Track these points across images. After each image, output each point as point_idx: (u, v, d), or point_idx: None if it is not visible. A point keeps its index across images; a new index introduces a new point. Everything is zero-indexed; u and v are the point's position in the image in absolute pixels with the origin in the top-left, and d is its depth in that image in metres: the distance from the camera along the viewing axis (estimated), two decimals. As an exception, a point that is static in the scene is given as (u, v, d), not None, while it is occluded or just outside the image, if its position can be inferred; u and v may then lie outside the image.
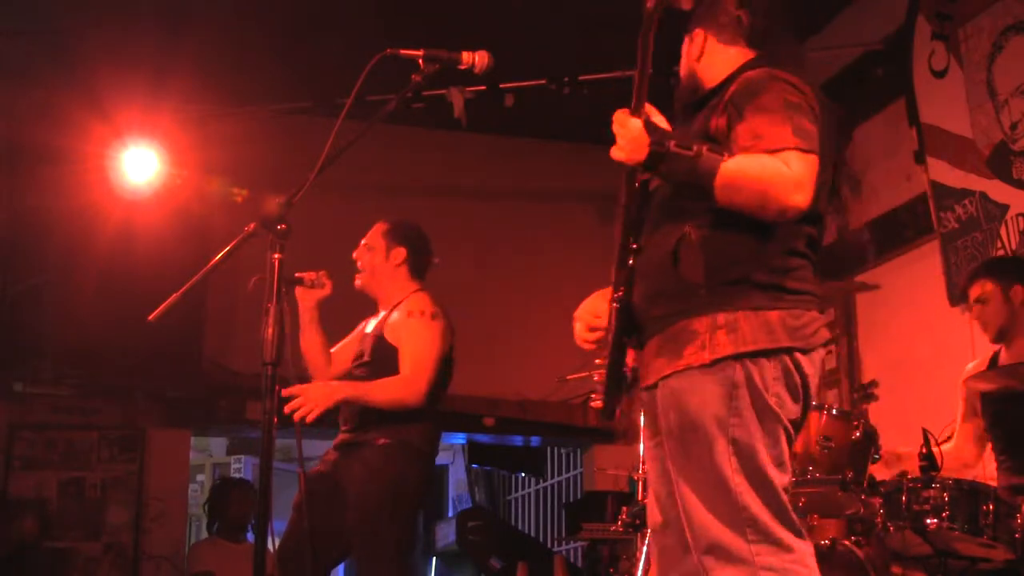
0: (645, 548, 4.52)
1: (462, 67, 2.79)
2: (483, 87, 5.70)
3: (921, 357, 5.20)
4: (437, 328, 4.11)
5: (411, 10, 5.75)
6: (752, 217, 2.35)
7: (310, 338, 4.14)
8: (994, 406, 3.89)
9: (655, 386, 2.48)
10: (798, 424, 2.47)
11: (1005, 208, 4.74)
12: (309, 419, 3.74)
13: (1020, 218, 4.67)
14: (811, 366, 2.43)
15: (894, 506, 3.46)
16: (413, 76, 2.74)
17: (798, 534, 2.36)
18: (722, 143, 2.38)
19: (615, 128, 2.36)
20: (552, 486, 9.49)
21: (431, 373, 4.00)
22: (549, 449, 9.13)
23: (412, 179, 7.09)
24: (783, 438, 2.40)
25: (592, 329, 2.66)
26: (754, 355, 2.36)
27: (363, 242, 4.26)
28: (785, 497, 2.37)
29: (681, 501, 2.43)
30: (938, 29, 5.15)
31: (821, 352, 2.48)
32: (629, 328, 2.52)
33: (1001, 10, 4.80)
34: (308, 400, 3.77)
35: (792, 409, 2.42)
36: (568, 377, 6.12)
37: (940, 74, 5.14)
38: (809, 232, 2.48)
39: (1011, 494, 3.46)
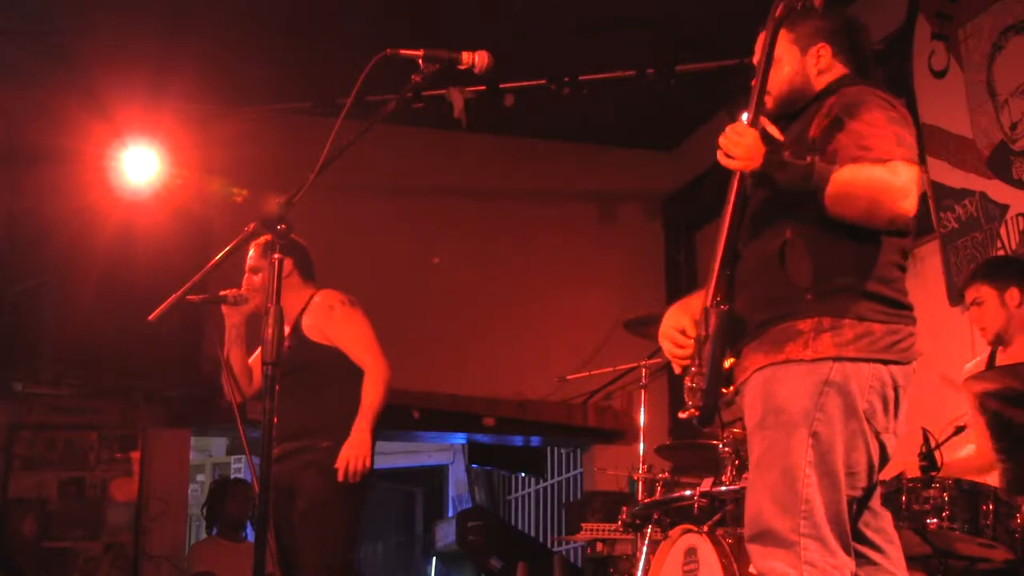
0: (644, 548, 4.52)
1: (462, 67, 2.79)
2: (483, 87, 5.71)
3: (921, 357, 5.19)
4: (359, 312, 4.27)
5: (411, 10, 5.75)
6: (851, 226, 2.43)
7: (235, 355, 4.21)
8: (994, 406, 3.89)
9: (747, 381, 2.52)
10: (885, 438, 2.51)
11: (1005, 208, 4.74)
12: (364, 469, 3.97)
13: (1020, 218, 4.67)
14: (905, 380, 2.51)
15: (894, 506, 3.45)
16: (413, 76, 2.73)
17: (845, 547, 2.40)
18: (817, 153, 2.46)
19: (728, 137, 2.44)
20: (552, 486, 9.49)
21: (380, 348, 4.18)
22: (549, 449, 9.13)
23: (412, 179, 7.09)
24: (862, 447, 2.44)
25: (680, 345, 2.64)
26: (854, 361, 2.43)
27: (246, 267, 4.26)
28: (846, 509, 2.41)
29: (749, 484, 2.49)
30: (938, 29, 5.15)
31: (915, 365, 2.54)
32: (731, 333, 2.53)
33: (1001, 10, 4.80)
34: (355, 456, 3.96)
35: (882, 421, 2.47)
36: (568, 377, 6.14)
37: (940, 74, 5.14)
38: (903, 245, 2.56)
39: (1011, 494, 3.46)
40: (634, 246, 7.39)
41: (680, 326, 2.64)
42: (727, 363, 2.53)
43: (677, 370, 2.65)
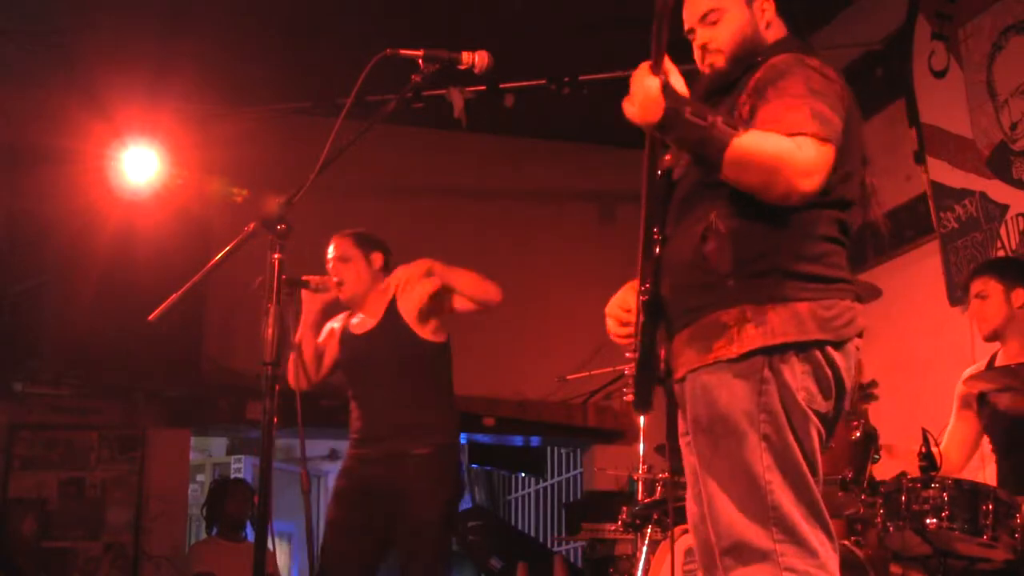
0: (644, 548, 4.52)
1: (462, 67, 2.79)
2: (483, 87, 5.70)
3: (921, 357, 5.19)
4: None
5: (411, 10, 5.75)
6: (773, 203, 2.30)
7: (308, 342, 4.18)
8: (993, 406, 3.89)
9: (684, 379, 2.44)
10: (830, 420, 2.41)
11: (1005, 208, 4.74)
12: (407, 287, 4.04)
13: (1020, 218, 4.67)
14: (843, 359, 2.38)
15: (894, 506, 3.46)
16: (413, 76, 2.73)
17: (828, 534, 2.32)
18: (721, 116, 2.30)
19: (633, 82, 2.25)
20: (552, 486, 9.50)
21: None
22: (549, 449, 9.13)
23: (412, 179, 7.09)
24: (814, 434, 2.35)
25: (623, 323, 2.60)
26: (783, 348, 2.31)
27: (333, 256, 4.25)
28: (819, 495, 2.32)
29: (707, 498, 2.38)
30: (938, 29, 5.15)
31: (856, 342, 2.41)
32: (658, 320, 2.45)
33: (1001, 10, 4.80)
34: (403, 277, 4.03)
35: (822, 404, 2.36)
36: (568, 377, 6.14)
37: (940, 74, 5.14)
38: (840, 218, 2.43)
39: (1011, 494, 3.46)
40: (634, 246, 7.36)
41: (627, 305, 2.59)
42: (661, 350, 2.48)
43: (623, 348, 2.62)
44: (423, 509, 3.96)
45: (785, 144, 2.24)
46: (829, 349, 2.35)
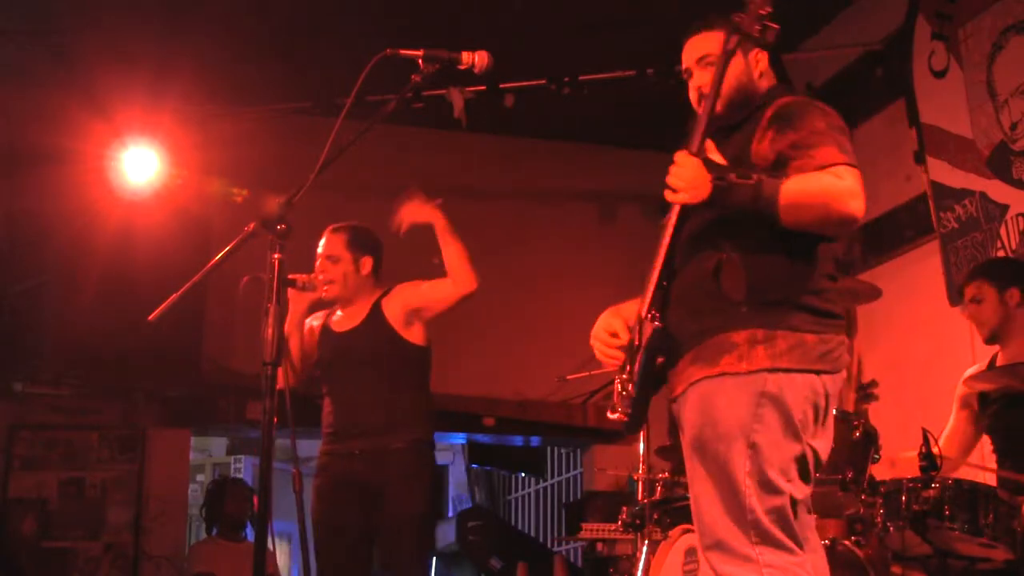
0: (644, 548, 4.52)
1: (462, 67, 2.79)
2: (483, 87, 5.71)
3: (921, 357, 5.19)
4: None
5: (411, 10, 5.75)
6: (787, 241, 2.46)
7: (293, 340, 4.20)
8: (993, 406, 3.89)
9: (684, 394, 2.56)
10: (818, 443, 2.54)
11: (1005, 208, 4.75)
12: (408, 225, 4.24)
13: (1020, 218, 4.67)
14: (834, 388, 2.54)
15: (894, 506, 3.46)
16: (413, 76, 2.74)
17: (798, 545, 2.44)
18: (761, 167, 2.48)
19: (673, 174, 2.47)
20: (552, 486, 9.50)
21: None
22: (549, 449, 9.13)
23: (412, 179, 7.07)
24: (800, 455, 2.48)
25: (610, 346, 2.70)
26: (787, 371, 2.45)
27: (322, 253, 4.25)
28: (790, 511, 2.44)
29: (694, 498, 2.53)
30: (938, 29, 5.15)
31: (843, 374, 2.57)
32: (664, 347, 2.57)
33: (1001, 10, 4.80)
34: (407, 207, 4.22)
35: (811, 429, 2.51)
36: (568, 377, 6.13)
37: (940, 74, 5.14)
38: (835, 252, 2.59)
39: (1011, 494, 3.46)
40: (634, 246, 7.35)
41: (612, 329, 2.69)
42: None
43: (609, 367, 2.71)
44: (402, 504, 3.98)
45: (827, 178, 2.42)
46: (825, 378, 2.51)
